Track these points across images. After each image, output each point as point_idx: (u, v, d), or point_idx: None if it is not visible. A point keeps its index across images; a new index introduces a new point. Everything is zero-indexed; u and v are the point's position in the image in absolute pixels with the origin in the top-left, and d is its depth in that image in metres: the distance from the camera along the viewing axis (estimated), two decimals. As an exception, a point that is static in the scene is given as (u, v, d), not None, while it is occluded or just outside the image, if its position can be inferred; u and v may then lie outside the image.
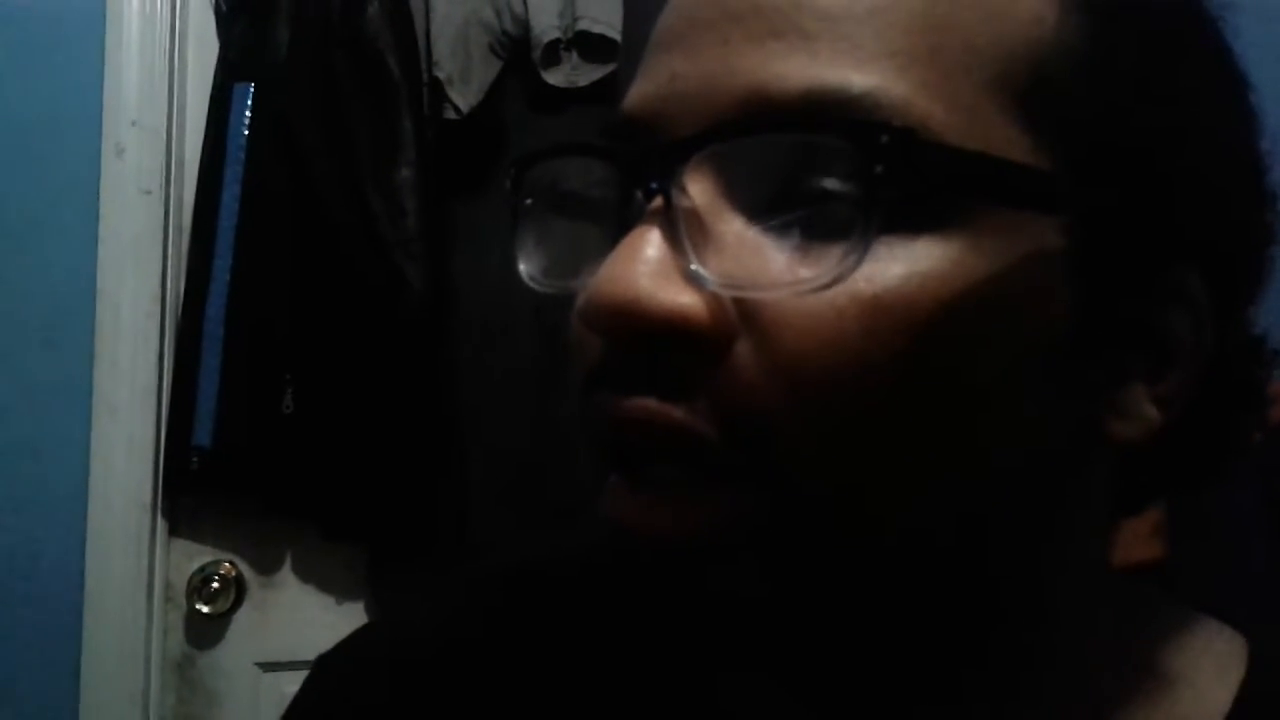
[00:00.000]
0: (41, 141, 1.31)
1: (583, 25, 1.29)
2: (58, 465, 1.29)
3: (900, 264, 0.28)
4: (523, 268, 0.34)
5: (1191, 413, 0.32)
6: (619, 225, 0.30)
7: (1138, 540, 0.96)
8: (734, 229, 0.29)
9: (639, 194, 0.29)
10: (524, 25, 1.30)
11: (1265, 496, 0.94)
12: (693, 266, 0.28)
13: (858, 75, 0.28)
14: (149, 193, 1.32)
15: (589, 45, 1.30)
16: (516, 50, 1.32)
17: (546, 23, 1.29)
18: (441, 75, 1.28)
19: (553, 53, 1.30)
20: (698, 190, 0.29)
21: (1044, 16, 0.30)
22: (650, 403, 0.29)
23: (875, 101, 0.28)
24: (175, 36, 1.35)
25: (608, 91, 1.27)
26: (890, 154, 0.27)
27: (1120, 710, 0.35)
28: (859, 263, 0.27)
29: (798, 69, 0.28)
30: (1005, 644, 0.34)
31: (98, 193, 1.31)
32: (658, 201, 0.29)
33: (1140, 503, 0.37)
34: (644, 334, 0.28)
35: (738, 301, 0.28)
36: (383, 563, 1.33)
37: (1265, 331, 0.37)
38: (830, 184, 0.28)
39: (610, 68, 1.29)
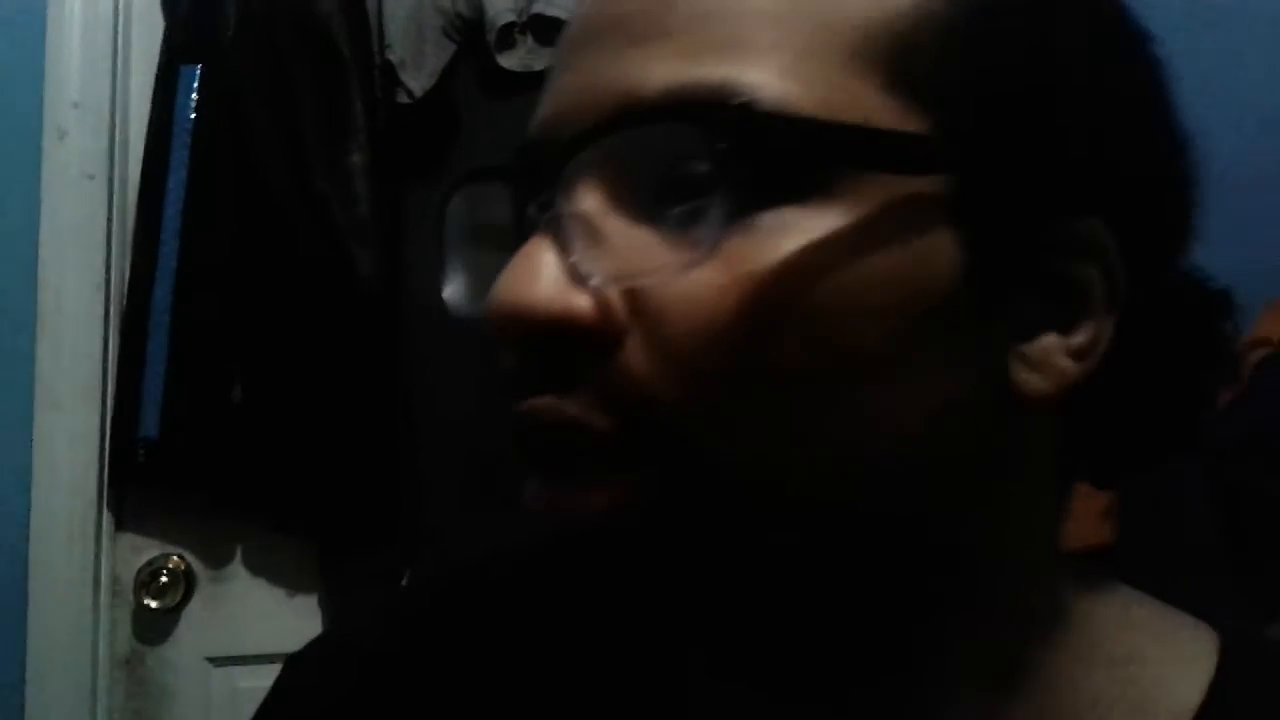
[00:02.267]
0: (-21, 125, 1.28)
1: (538, 8, 1.27)
2: (0, 458, 1.26)
3: (773, 237, 0.29)
4: (447, 295, 0.36)
5: (1132, 367, 0.33)
6: (517, 241, 0.32)
7: (1088, 524, 0.96)
8: (621, 228, 0.30)
9: (532, 208, 0.32)
10: (478, 8, 1.29)
11: (1213, 478, 0.95)
12: (575, 262, 0.30)
13: (714, 68, 0.29)
14: (92, 177, 1.29)
15: (544, 28, 1.29)
16: (470, 33, 1.30)
17: (501, 5, 1.28)
18: (394, 58, 1.26)
19: (507, 36, 1.29)
20: (587, 196, 0.31)
21: None
22: (547, 401, 0.30)
23: (730, 89, 0.29)
24: (119, 15, 1.32)
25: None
26: (732, 130, 0.28)
27: (1081, 697, 0.34)
28: (719, 240, 0.29)
29: (659, 69, 0.30)
30: (944, 622, 0.34)
31: (38, 177, 1.28)
32: (548, 212, 0.31)
33: (1101, 472, 0.37)
34: (537, 337, 0.30)
35: (627, 297, 0.30)
36: (334, 555, 1.32)
37: (1226, 286, 0.36)
38: (694, 171, 0.29)
39: (566, 52, 1.28)
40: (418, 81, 1.27)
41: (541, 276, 0.30)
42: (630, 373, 0.29)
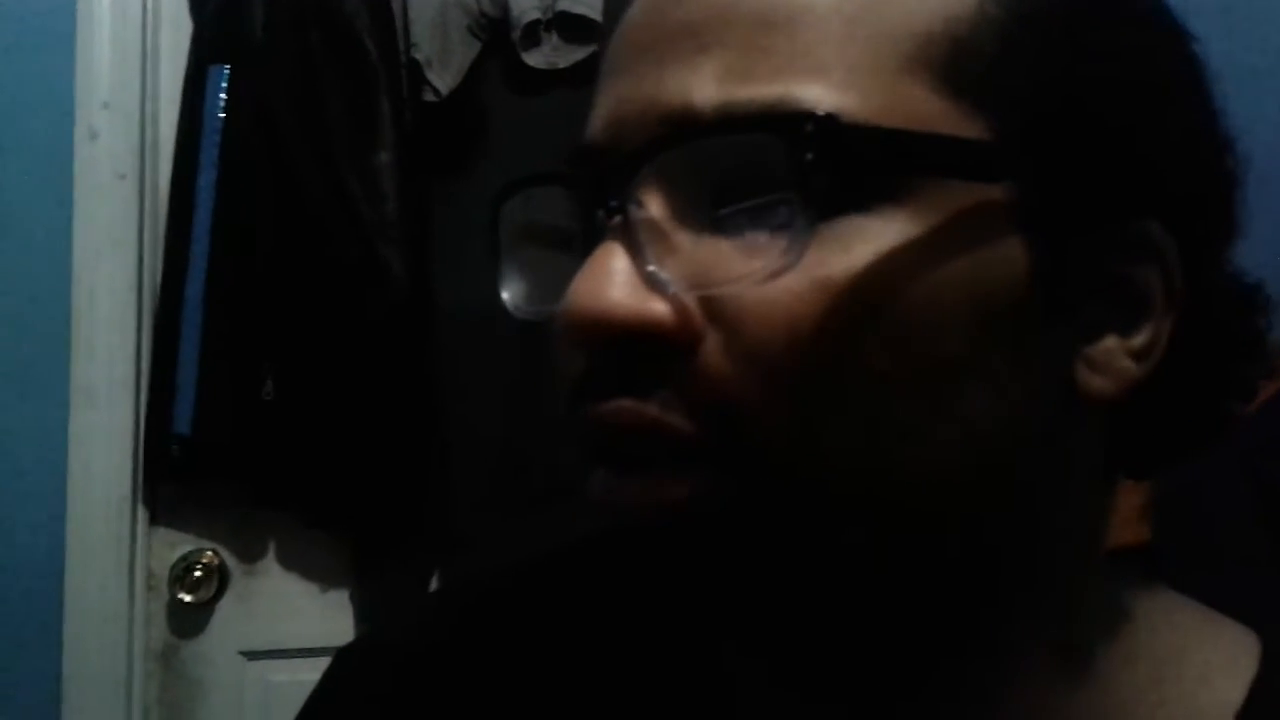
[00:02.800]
0: (12, 126, 1.29)
1: (563, 6, 1.27)
2: (35, 455, 1.28)
3: (847, 244, 0.29)
4: (506, 296, 0.36)
5: (1180, 364, 0.33)
6: (586, 246, 0.32)
7: (1125, 523, 0.96)
8: (690, 234, 0.31)
9: (600, 213, 0.32)
10: (503, 6, 1.29)
11: (1251, 478, 0.94)
12: (652, 271, 0.30)
13: (770, 82, 0.30)
14: (123, 177, 1.31)
15: (569, 26, 1.29)
16: (496, 31, 1.30)
17: (526, 3, 1.28)
18: (420, 57, 1.27)
19: (533, 34, 1.29)
20: (653, 203, 0.31)
21: None
22: (626, 403, 0.30)
23: (788, 103, 0.29)
24: (148, 16, 1.33)
25: (588, 73, 1.26)
26: (816, 141, 0.29)
27: (1125, 692, 0.35)
28: (804, 249, 0.29)
29: (717, 81, 0.30)
30: (1003, 620, 0.34)
31: (71, 178, 1.30)
32: (617, 218, 0.31)
33: (1141, 466, 0.38)
34: (616, 341, 0.30)
35: (702, 301, 0.30)
36: (366, 551, 1.33)
37: (1260, 280, 0.37)
38: (769, 179, 0.30)
39: (591, 49, 1.28)
40: (444, 80, 1.27)
41: (618, 281, 0.30)
42: (710, 375, 0.30)
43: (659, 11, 0.32)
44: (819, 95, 0.29)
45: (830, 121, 0.29)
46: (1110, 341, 0.32)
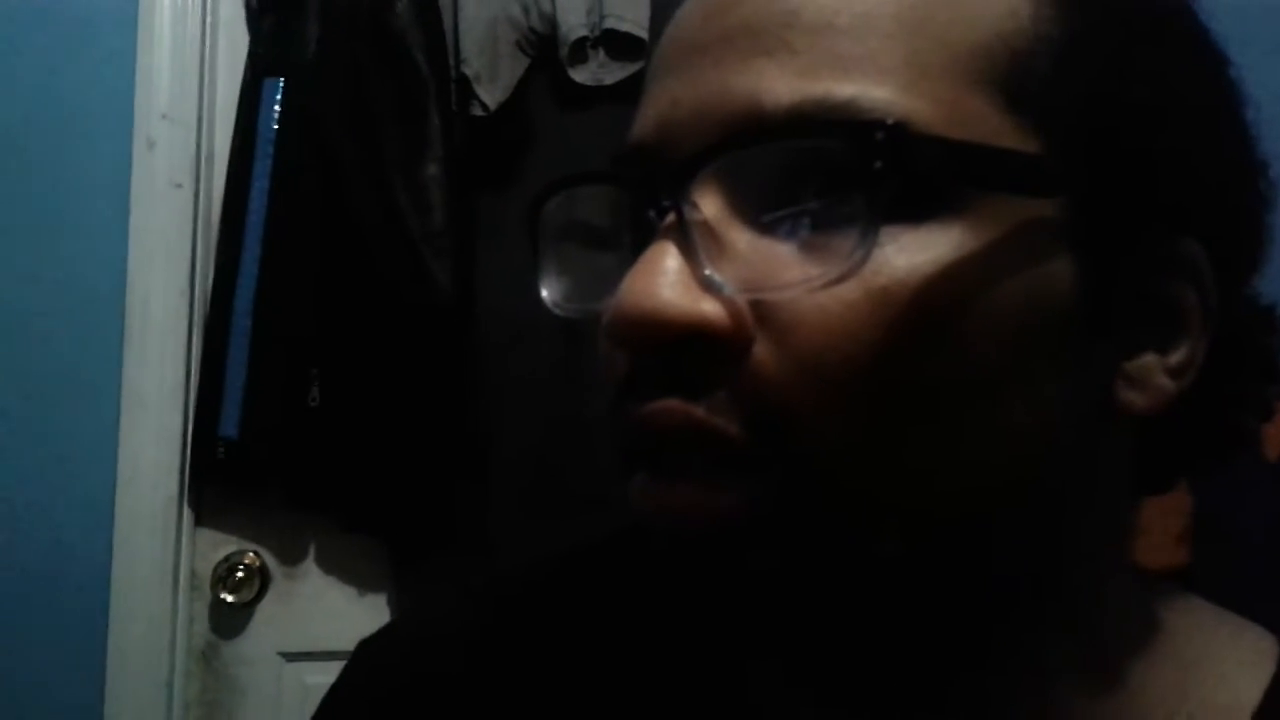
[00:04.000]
0: (73, 134, 1.33)
1: (610, 23, 1.29)
2: (87, 456, 1.31)
3: (904, 254, 0.29)
4: (546, 294, 0.36)
5: (1206, 382, 0.33)
6: (635, 245, 0.32)
7: (1163, 545, 0.95)
8: (744, 236, 0.31)
9: (652, 213, 0.31)
10: (551, 23, 1.31)
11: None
12: (708, 274, 0.30)
13: (841, 85, 0.30)
14: (179, 186, 1.34)
15: (616, 43, 1.30)
16: (544, 48, 1.32)
17: (574, 20, 1.30)
18: (469, 72, 1.29)
19: (580, 50, 1.31)
20: (707, 203, 0.31)
21: (1017, 9, 0.31)
22: (674, 403, 0.30)
23: (859, 107, 0.29)
24: (206, 31, 1.37)
25: (634, 90, 1.27)
26: (886, 149, 0.29)
27: (1150, 696, 0.35)
28: (866, 256, 0.29)
29: (786, 83, 0.30)
30: (1027, 629, 0.34)
31: (129, 186, 1.33)
32: (670, 218, 0.31)
33: (1164, 479, 0.38)
34: (668, 341, 0.30)
35: (754, 304, 0.30)
36: (404, 555, 1.34)
37: (1274, 302, 0.37)
38: (830, 184, 0.30)
39: (637, 66, 1.29)
40: (492, 95, 1.29)
41: (671, 281, 0.30)
42: (763, 379, 0.29)
43: (716, 13, 0.32)
44: (890, 98, 0.29)
45: (900, 130, 0.29)
46: (1149, 358, 0.33)
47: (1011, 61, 0.31)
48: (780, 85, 0.30)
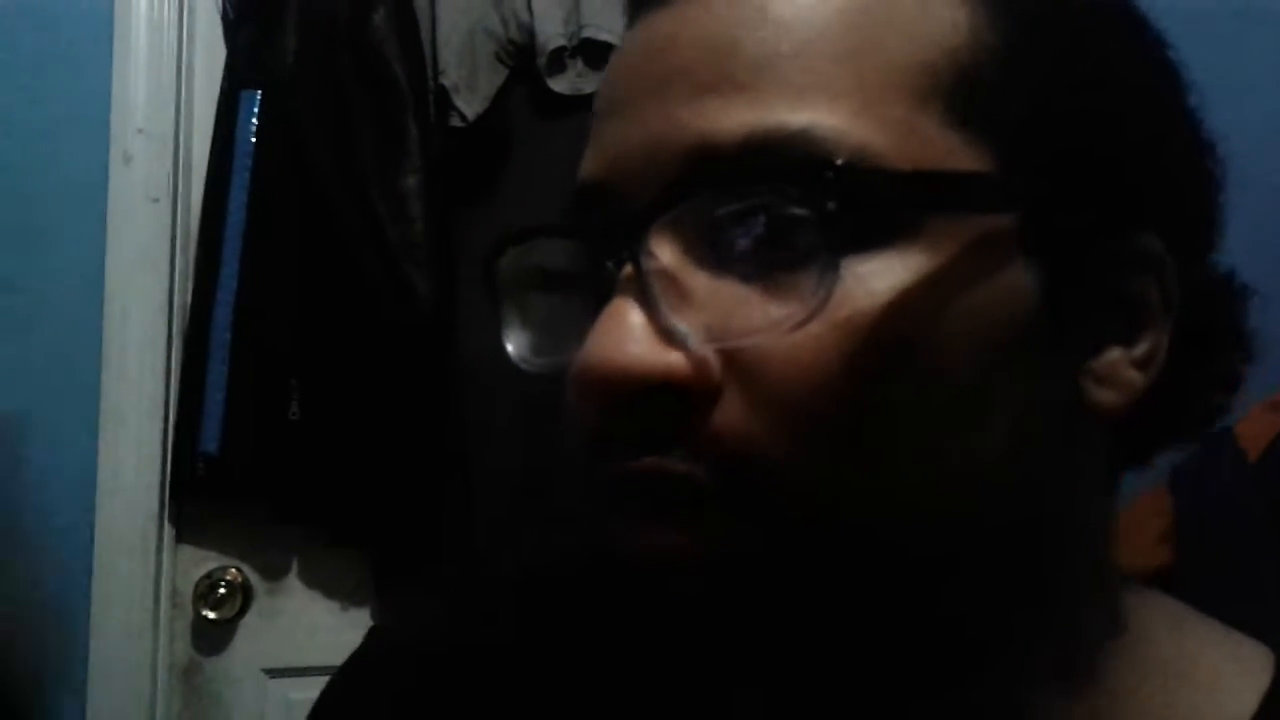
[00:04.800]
0: (49, 148, 1.32)
1: (588, 33, 1.29)
2: (66, 472, 1.30)
3: (864, 284, 0.29)
4: (511, 349, 0.35)
5: (1173, 364, 0.33)
6: (596, 296, 0.31)
7: (1146, 547, 0.96)
8: (704, 281, 0.30)
9: (610, 264, 0.31)
10: (529, 33, 1.31)
11: (1273, 504, 0.94)
12: (670, 325, 0.29)
13: (793, 114, 0.29)
14: (156, 200, 1.33)
15: (594, 52, 1.31)
16: (522, 58, 1.32)
17: (552, 30, 1.30)
18: (447, 83, 1.29)
19: (558, 60, 1.31)
20: (664, 250, 0.30)
21: (958, 22, 0.31)
22: (651, 461, 0.30)
23: (813, 135, 0.29)
24: (183, 43, 1.36)
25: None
26: (839, 188, 0.29)
27: (1135, 704, 0.35)
28: (829, 295, 0.29)
29: (736, 116, 0.29)
30: (1009, 636, 0.34)
31: (105, 200, 1.32)
32: (628, 269, 0.30)
33: (1138, 459, 0.38)
34: (635, 397, 0.29)
35: (721, 353, 0.29)
36: (388, 570, 1.33)
37: (1228, 268, 0.37)
38: (786, 222, 0.29)
39: (616, 75, 1.29)
40: (471, 105, 1.29)
41: (634, 337, 0.29)
42: (733, 426, 0.29)
43: (658, 53, 0.32)
44: (842, 125, 0.29)
45: (851, 168, 0.29)
46: (1114, 353, 0.33)
47: (957, 76, 0.31)
48: (729, 119, 0.30)
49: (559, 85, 1.31)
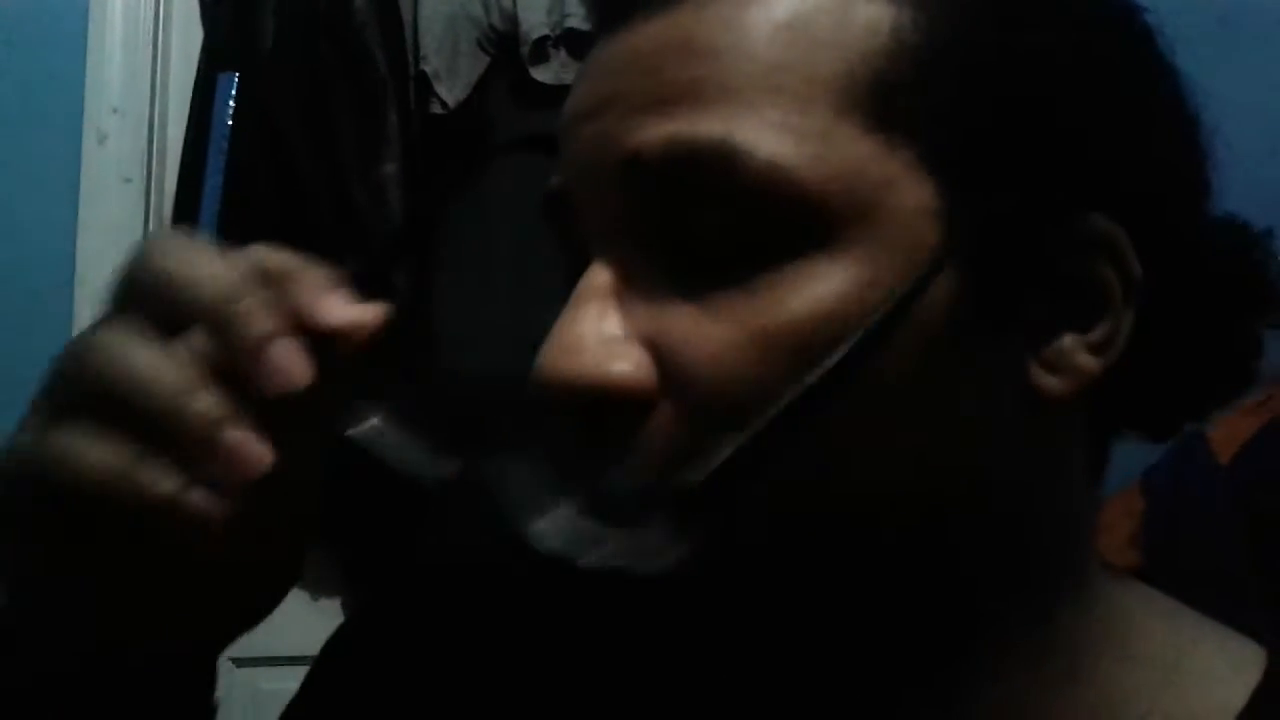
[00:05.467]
0: (22, 127, 1.30)
1: (571, 22, 1.28)
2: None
3: (780, 292, 0.30)
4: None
5: (1173, 324, 0.34)
6: (565, 288, 0.34)
7: (1114, 548, 0.96)
8: (644, 293, 0.32)
9: (576, 265, 0.33)
10: (512, 21, 1.30)
11: (1241, 508, 0.95)
12: (611, 337, 0.32)
13: (711, 125, 0.30)
14: (130, 181, 1.32)
15: (577, 42, 1.30)
16: (504, 46, 1.31)
17: (535, 19, 1.29)
18: (428, 69, 1.28)
19: (541, 49, 1.30)
20: (607, 265, 0.33)
21: (878, 25, 0.31)
22: (603, 467, 0.31)
23: (728, 147, 0.30)
24: (159, 23, 1.35)
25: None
26: (749, 199, 0.30)
27: (1121, 695, 0.35)
28: (743, 307, 0.30)
29: (658, 129, 0.31)
30: (984, 624, 0.34)
31: (78, 180, 1.31)
32: (581, 282, 0.32)
33: (1158, 426, 0.38)
34: (583, 405, 0.31)
35: (658, 360, 0.31)
36: (359, 560, 1.33)
37: (1244, 219, 0.37)
38: (706, 235, 0.31)
39: (598, 65, 1.29)
40: (452, 93, 1.28)
41: (576, 348, 0.31)
42: (664, 433, 0.31)
43: (599, 78, 0.34)
44: (758, 136, 0.30)
45: (764, 180, 0.30)
46: (1067, 340, 0.32)
47: (875, 79, 0.31)
48: (653, 132, 0.31)
49: (542, 75, 1.30)
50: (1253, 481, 0.94)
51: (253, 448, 0.28)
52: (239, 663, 1.35)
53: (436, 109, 1.29)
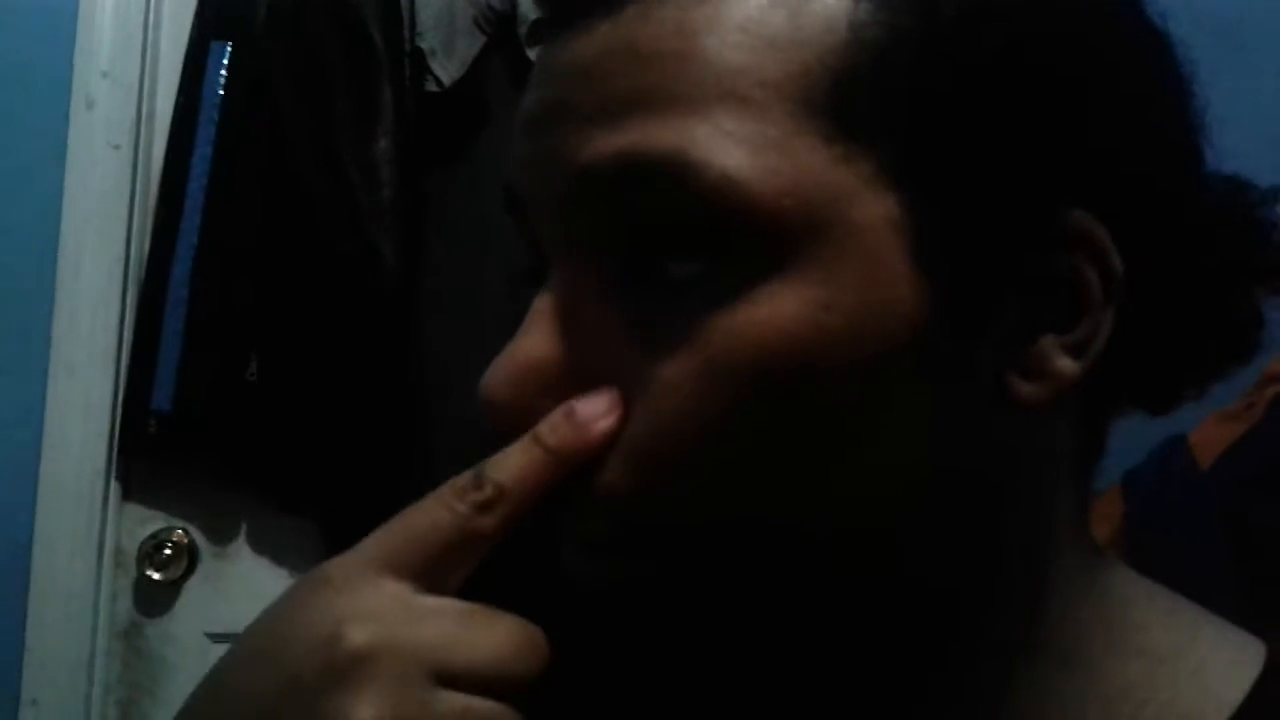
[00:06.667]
0: (9, 90, 1.28)
1: (571, 4, 1.27)
2: (11, 424, 1.27)
3: (730, 319, 0.29)
4: None
5: (1169, 297, 0.33)
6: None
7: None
8: (591, 315, 0.31)
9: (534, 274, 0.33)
10: (511, 2, 1.29)
11: (1222, 511, 0.95)
12: (547, 366, 0.31)
13: (660, 137, 0.29)
14: (117, 147, 1.30)
15: (576, 25, 1.29)
16: (502, 26, 1.30)
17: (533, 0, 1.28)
18: (424, 46, 1.27)
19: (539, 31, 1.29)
20: (560, 277, 0.32)
21: (835, 23, 0.30)
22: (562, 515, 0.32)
23: (682, 161, 0.29)
24: (152, -12, 1.32)
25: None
26: (701, 219, 0.29)
27: (1116, 687, 0.34)
28: (695, 330, 0.29)
29: (608, 141, 0.30)
30: (973, 624, 0.34)
31: (65, 145, 1.28)
32: (536, 301, 0.32)
33: (1161, 399, 0.37)
34: (519, 433, 0.31)
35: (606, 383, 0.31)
36: (338, 538, 1.32)
37: (1242, 178, 0.36)
38: (652, 252, 0.30)
39: (596, 49, 1.28)
40: (447, 71, 1.27)
41: (513, 379, 0.31)
42: (614, 467, 0.30)
43: (548, 83, 0.33)
44: (711, 148, 0.29)
45: (718, 193, 0.29)
46: (1044, 342, 0.31)
47: (833, 81, 0.29)
48: (603, 145, 0.30)
49: (539, 56, 1.29)
50: (1234, 488, 0.94)
51: None
52: (215, 639, 1.33)
53: (432, 86, 1.27)
